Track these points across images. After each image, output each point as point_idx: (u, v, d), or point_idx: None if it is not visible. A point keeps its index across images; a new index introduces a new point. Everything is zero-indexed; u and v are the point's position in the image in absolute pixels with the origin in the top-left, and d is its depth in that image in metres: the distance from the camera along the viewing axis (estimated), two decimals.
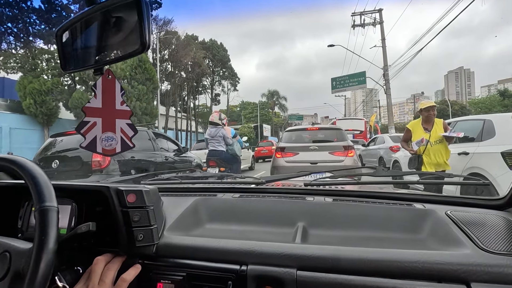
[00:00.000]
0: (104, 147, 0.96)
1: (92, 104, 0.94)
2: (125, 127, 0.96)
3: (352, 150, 5.06)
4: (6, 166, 0.61)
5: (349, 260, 0.60)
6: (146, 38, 0.45)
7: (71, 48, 0.56)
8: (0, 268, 0.53)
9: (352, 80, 19.62)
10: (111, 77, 0.91)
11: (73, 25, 0.54)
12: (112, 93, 0.94)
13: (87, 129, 0.95)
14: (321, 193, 0.97)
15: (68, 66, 0.57)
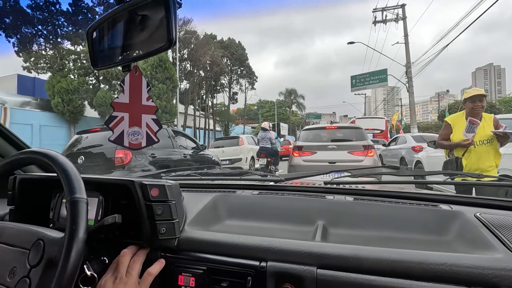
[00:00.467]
0: (131, 141, 1.00)
1: (120, 100, 0.98)
2: (150, 122, 0.99)
3: (372, 149, 4.94)
4: (39, 159, 0.65)
5: (371, 260, 0.59)
6: (173, 35, 0.46)
7: (100, 46, 0.58)
8: (35, 255, 0.56)
9: (372, 78, 19.08)
10: (138, 74, 0.94)
11: (102, 24, 0.56)
12: (139, 89, 0.97)
13: (115, 124, 0.99)
14: (341, 192, 0.95)
15: (98, 63, 0.60)
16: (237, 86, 34.00)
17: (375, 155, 4.93)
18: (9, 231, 0.63)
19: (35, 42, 14.87)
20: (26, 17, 13.91)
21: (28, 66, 15.13)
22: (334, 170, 1.17)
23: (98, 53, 0.58)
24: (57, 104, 14.39)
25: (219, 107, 32.84)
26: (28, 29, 14.38)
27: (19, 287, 0.55)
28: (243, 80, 34.20)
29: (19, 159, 0.68)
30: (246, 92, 34.70)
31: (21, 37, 14.20)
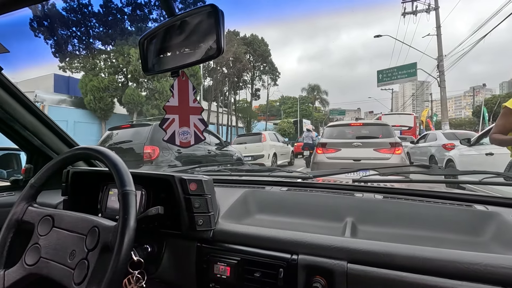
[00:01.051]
0: (181, 140, 1.08)
1: (171, 103, 1.07)
2: (197, 122, 1.07)
3: (400, 147, 4.78)
4: (92, 155, 0.72)
5: (403, 257, 0.60)
6: (222, 43, 0.50)
7: (151, 53, 0.64)
8: (92, 240, 0.63)
9: (401, 72, 18.27)
10: (185, 78, 1.02)
11: (154, 34, 0.62)
12: (186, 92, 1.06)
13: (167, 125, 1.08)
14: (370, 190, 0.96)
15: (149, 70, 0.65)
16: (259, 83, 34.00)
17: (402, 153, 4.76)
18: (68, 218, 0.70)
19: (70, 43, 15.79)
20: (62, 20, 14.78)
21: (63, 66, 16.11)
22: (362, 168, 1.17)
23: (149, 60, 0.64)
24: (89, 102, 15.21)
25: (241, 104, 33.07)
26: (63, 31, 15.30)
27: (79, 267, 0.62)
28: (265, 76, 34.12)
29: (75, 155, 0.76)
30: (268, 88, 34.62)
31: (57, 38, 15.12)
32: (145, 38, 0.63)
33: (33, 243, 0.70)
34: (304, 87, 45.10)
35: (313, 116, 46.69)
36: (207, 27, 0.53)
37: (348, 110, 69.78)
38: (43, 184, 0.78)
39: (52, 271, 0.65)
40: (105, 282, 0.55)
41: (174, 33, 0.58)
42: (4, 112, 0.97)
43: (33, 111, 1.05)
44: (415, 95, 42.16)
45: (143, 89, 16.73)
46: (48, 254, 0.67)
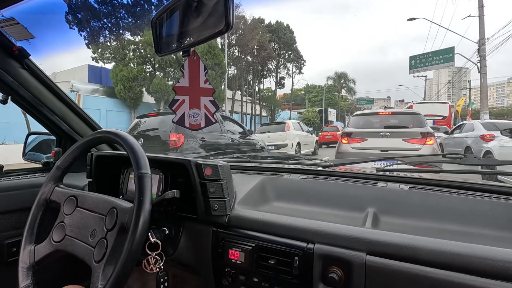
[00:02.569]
0: (191, 122, 1.08)
1: (180, 84, 1.06)
2: (208, 104, 1.06)
3: (432, 137, 4.50)
4: (112, 139, 0.74)
5: (429, 251, 0.56)
6: (230, 18, 0.48)
7: (163, 33, 0.63)
8: (110, 221, 0.65)
9: (436, 58, 17.04)
10: (196, 58, 1.00)
11: (164, 13, 0.60)
12: (197, 73, 1.04)
13: (177, 106, 1.07)
14: (395, 180, 0.91)
15: (160, 50, 0.65)
16: (284, 71, 33.43)
17: (435, 143, 4.48)
18: (90, 199, 0.73)
19: (101, 35, 16.42)
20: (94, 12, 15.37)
21: (96, 56, 16.83)
22: (387, 157, 1.10)
23: (161, 40, 0.63)
24: (120, 91, 15.85)
25: (265, 93, 32.83)
26: (95, 23, 15.92)
27: (98, 246, 0.64)
28: (290, 65, 33.46)
29: (97, 138, 0.78)
30: (293, 77, 33.98)
31: (90, 30, 15.79)
32: (157, 18, 0.61)
33: (59, 222, 0.74)
34: (330, 75, 43.76)
35: (339, 105, 45.35)
36: (215, 2, 0.50)
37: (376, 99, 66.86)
38: (68, 166, 0.81)
39: (76, 248, 0.68)
40: (121, 261, 0.57)
41: (184, 10, 0.56)
42: (33, 97, 1.02)
43: (60, 97, 1.10)
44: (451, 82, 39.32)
45: (170, 78, 17.12)
46: (72, 232, 0.71)
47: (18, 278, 0.70)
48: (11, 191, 1.03)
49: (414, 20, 14.99)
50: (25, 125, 4.67)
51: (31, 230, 0.76)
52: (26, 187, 1.06)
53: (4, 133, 8.56)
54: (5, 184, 1.03)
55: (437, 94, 41.63)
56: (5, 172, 1.09)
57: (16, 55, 0.93)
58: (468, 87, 26.68)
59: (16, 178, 1.08)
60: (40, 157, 1.37)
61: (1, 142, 8.24)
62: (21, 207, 1.03)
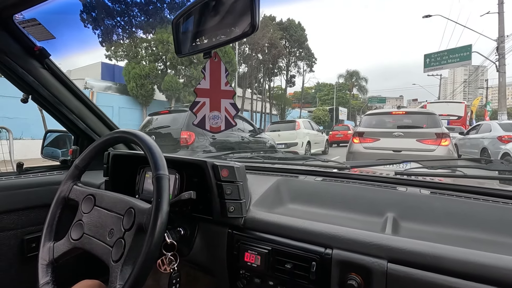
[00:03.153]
0: (211, 125, 1.08)
1: (201, 86, 1.05)
2: (228, 106, 1.05)
3: (447, 138, 4.37)
4: (130, 139, 0.74)
5: (454, 260, 0.54)
6: (256, 20, 0.47)
7: (184, 34, 0.62)
8: (128, 221, 0.66)
9: (452, 56, 16.55)
10: (217, 59, 1.00)
11: (186, 13, 0.60)
12: (218, 75, 1.03)
13: (198, 108, 1.07)
14: (415, 184, 0.88)
15: (181, 51, 0.64)
16: (295, 69, 33.19)
17: (450, 144, 4.36)
18: (107, 198, 0.73)
19: (115, 33, 16.68)
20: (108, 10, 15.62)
21: (109, 54, 17.12)
22: (406, 160, 1.07)
23: (182, 41, 0.62)
24: (132, 89, 16.09)
25: (276, 91, 32.71)
26: (109, 21, 16.18)
27: (116, 245, 0.64)
28: (301, 63, 33.20)
29: (114, 138, 0.79)
30: (304, 75, 33.72)
31: (104, 28, 16.06)
32: (178, 19, 0.61)
33: (78, 220, 0.75)
34: (342, 73, 43.20)
35: (350, 104, 44.76)
36: (240, 3, 0.49)
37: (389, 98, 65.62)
38: (86, 165, 0.82)
39: (94, 247, 0.69)
40: (139, 262, 0.57)
41: (207, 11, 0.55)
42: (52, 96, 1.04)
43: (78, 96, 1.12)
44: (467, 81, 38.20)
45: (181, 76, 17.25)
46: (90, 231, 0.71)
47: (38, 275, 0.72)
48: (30, 188, 1.06)
49: (430, 17, 14.61)
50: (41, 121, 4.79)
51: (50, 228, 0.77)
52: (44, 185, 1.09)
53: (21, 129, 8.82)
54: (25, 181, 1.06)
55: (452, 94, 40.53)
56: (25, 169, 1.11)
57: (37, 55, 0.95)
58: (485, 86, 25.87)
59: (35, 176, 1.11)
60: (57, 153, 1.40)
61: (18, 137, 8.50)
62: (40, 203, 1.05)
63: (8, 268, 1.01)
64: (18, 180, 1.05)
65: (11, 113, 9.73)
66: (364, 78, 43.35)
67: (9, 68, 0.93)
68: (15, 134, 4.61)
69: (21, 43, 0.93)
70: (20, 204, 1.03)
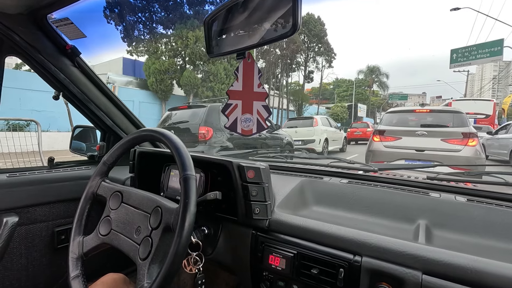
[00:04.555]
0: (243, 128, 1.06)
1: (234, 88, 1.04)
2: (261, 108, 1.03)
3: (475, 138, 4.15)
4: (156, 137, 0.74)
5: (498, 276, 0.50)
6: (298, 20, 0.44)
7: (216, 34, 0.61)
8: (155, 219, 0.66)
9: (481, 51, 15.70)
10: (250, 60, 0.98)
11: (219, 13, 0.58)
12: (251, 76, 1.01)
13: (230, 111, 1.06)
14: (450, 190, 0.83)
15: (213, 51, 0.63)
16: (313, 64, 32.62)
17: (478, 144, 4.13)
18: (134, 196, 0.74)
19: (136, 28, 17.04)
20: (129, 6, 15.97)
21: (130, 50, 17.53)
22: (440, 163, 1.02)
23: (214, 41, 0.61)
24: (152, 83, 16.43)
25: (293, 87, 32.36)
26: (130, 17, 16.54)
27: (143, 244, 0.65)
28: (320, 58, 32.58)
29: (142, 136, 0.79)
30: (322, 71, 33.08)
31: (125, 24, 16.45)
32: (211, 18, 0.59)
33: (106, 216, 0.76)
34: (362, 69, 42.05)
35: (370, 101, 43.59)
36: (282, 3, 0.47)
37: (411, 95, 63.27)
38: (114, 161, 0.84)
39: (121, 243, 0.70)
40: (167, 262, 0.57)
41: (242, 10, 0.53)
42: (82, 94, 1.07)
43: (106, 93, 1.14)
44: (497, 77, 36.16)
45: (199, 71, 17.41)
46: (118, 227, 0.73)
47: (68, 267, 0.74)
48: (60, 182, 1.09)
49: (458, 10, 13.89)
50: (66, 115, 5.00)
51: (80, 222, 0.80)
52: (73, 179, 1.12)
53: (48, 122, 9.25)
54: (55, 175, 1.10)
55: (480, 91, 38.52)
56: (56, 164, 1.16)
57: (69, 53, 0.97)
58: None
59: (65, 170, 1.15)
60: (85, 148, 1.45)
61: (46, 129, 8.92)
62: (69, 197, 1.09)
63: (39, 258, 1.05)
64: (49, 174, 1.09)
65: (39, 106, 10.22)
66: (385, 73, 42.02)
67: (42, 66, 0.96)
68: (43, 127, 4.82)
69: (54, 42, 0.96)
70: (51, 197, 1.07)
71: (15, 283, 1.00)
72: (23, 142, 4.56)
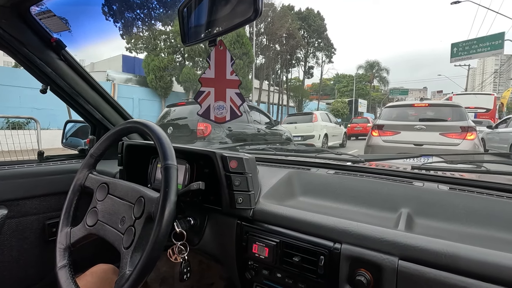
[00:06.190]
0: (216, 115, 1.07)
1: (206, 75, 1.04)
2: (234, 96, 1.03)
3: (473, 132, 4.15)
4: (140, 129, 0.75)
5: (472, 261, 0.51)
6: (259, 5, 0.45)
7: (190, 22, 0.61)
8: (138, 209, 0.67)
9: (482, 45, 15.58)
10: (222, 48, 0.98)
11: (192, 0, 0.58)
12: (224, 64, 1.01)
13: (202, 98, 1.06)
14: (433, 179, 0.84)
15: (187, 40, 0.63)
16: (313, 60, 32.49)
17: (476, 138, 4.13)
18: (120, 187, 0.75)
19: (135, 25, 16.98)
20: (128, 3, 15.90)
21: (129, 47, 17.48)
22: (424, 154, 1.02)
23: (188, 30, 0.62)
24: (151, 80, 16.39)
25: (293, 82, 32.26)
26: (129, 14, 16.47)
27: (127, 233, 0.66)
28: (320, 53, 32.43)
29: (126, 128, 0.80)
30: (322, 66, 32.96)
31: (124, 21, 16.39)
32: (184, 6, 0.60)
33: (92, 207, 0.77)
34: (362, 64, 41.84)
35: (370, 96, 43.43)
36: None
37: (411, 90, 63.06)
38: (100, 154, 0.84)
39: (107, 233, 0.71)
40: (147, 250, 0.58)
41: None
42: (69, 87, 1.07)
43: (94, 87, 1.14)
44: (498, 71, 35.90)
45: (199, 68, 17.37)
46: (104, 218, 0.74)
47: (55, 258, 0.75)
48: (51, 175, 1.10)
49: (459, 3, 13.76)
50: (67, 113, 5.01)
51: (68, 214, 0.80)
52: (64, 172, 1.13)
53: (49, 120, 9.27)
54: (45, 169, 1.11)
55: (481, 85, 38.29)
56: (46, 158, 1.16)
57: (54, 46, 0.97)
58: None
59: (55, 164, 1.15)
60: (78, 143, 1.45)
61: (46, 127, 8.94)
62: (60, 190, 1.10)
63: (30, 250, 1.07)
64: (39, 168, 1.10)
65: (39, 104, 10.23)
66: (385, 68, 41.81)
67: (28, 60, 0.96)
68: (43, 125, 4.84)
69: (38, 34, 0.96)
70: (42, 190, 1.08)
71: (7, 274, 1.01)
72: (22, 139, 4.58)
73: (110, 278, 0.88)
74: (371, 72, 41.69)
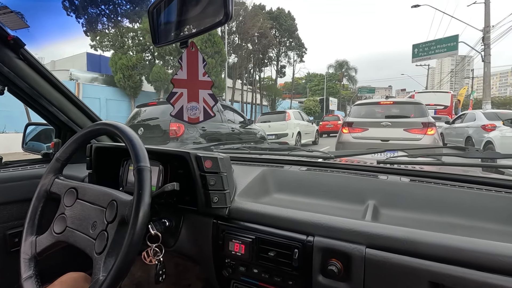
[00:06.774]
0: (189, 116, 1.06)
1: (179, 76, 1.03)
2: (207, 97, 1.03)
3: (433, 127, 4.48)
4: (111, 131, 0.73)
5: (428, 245, 0.56)
6: (230, 9, 0.46)
7: (161, 23, 0.61)
8: (110, 213, 0.65)
9: (439, 46, 16.76)
10: (194, 49, 0.98)
11: (162, 1, 0.58)
12: (196, 65, 1.01)
13: (175, 99, 1.05)
14: (396, 172, 0.90)
15: (158, 41, 0.63)
16: (285, 59, 32.97)
17: (436, 133, 4.47)
18: (90, 191, 0.73)
19: (100, 22, 16.13)
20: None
21: (94, 44, 16.57)
22: (389, 149, 1.10)
23: (158, 31, 0.61)
24: (119, 80, 15.68)
25: (266, 81, 32.51)
26: (93, 10, 15.62)
27: (99, 238, 0.64)
28: (291, 53, 32.98)
29: (96, 130, 0.77)
30: (294, 65, 33.57)
31: (88, 17, 15.51)
32: (154, 7, 0.59)
33: (60, 213, 0.74)
34: (331, 63, 43.20)
35: (341, 94, 44.99)
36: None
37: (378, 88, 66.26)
38: (67, 157, 0.81)
39: (77, 239, 0.68)
40: (122, 254, 0.57)
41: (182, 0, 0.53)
42: (30, 88, 1.01)
43: (57, 87, 1.08)
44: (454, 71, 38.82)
45: (169, 67, 16.92)
46: (73, 224, 0.71)
47: (20, 269, 0.71)
48: (11, 182, 1.03)
49: (418, 7, 14.67)
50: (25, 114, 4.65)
51: (32, 222, 0.76)
52: (26, 178, 1.06)
53: (4, 122, 8.55)
54: (5, 175, 1.03)
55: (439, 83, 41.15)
56: (5, 163, 1.09)
57: (12, 44, 0.91)
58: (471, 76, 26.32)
59: (16, 170, 1.08)
60: (40, 147, 1.37)
61: (1, 131, 8.24)
62: (22, 198, 1.03)
63: None
64: None
65: None
66: (353, 68, 43.59)
67: None
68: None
69: None
70: (1, 198, 1.01)
71: None
72: None
73: (81, 286, 0.85)
74: (341, 71, 43.20)
